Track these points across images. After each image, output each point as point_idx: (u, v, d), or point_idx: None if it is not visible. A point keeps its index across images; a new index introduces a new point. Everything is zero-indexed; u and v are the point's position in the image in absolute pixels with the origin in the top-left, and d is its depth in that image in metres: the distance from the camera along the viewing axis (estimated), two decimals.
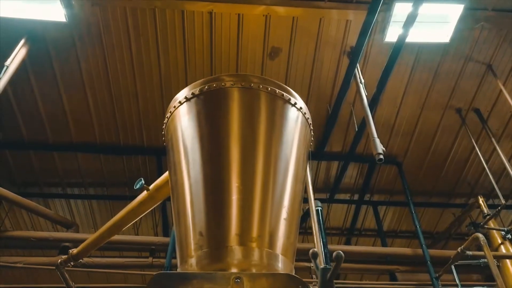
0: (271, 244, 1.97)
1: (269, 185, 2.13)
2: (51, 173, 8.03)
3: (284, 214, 2.12)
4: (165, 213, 8.33)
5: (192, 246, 1.99)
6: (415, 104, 7.49)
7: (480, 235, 4.99)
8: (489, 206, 7.40)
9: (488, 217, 6.86)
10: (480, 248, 5.24)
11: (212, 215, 2.02)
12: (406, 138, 7.97)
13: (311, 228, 4.04)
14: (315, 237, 4.16)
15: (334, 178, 8.55)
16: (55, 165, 7.92)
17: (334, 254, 1.38)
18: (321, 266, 1.44)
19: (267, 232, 1.99)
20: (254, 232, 1.95)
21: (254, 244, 1.92)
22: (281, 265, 1.91)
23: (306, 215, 7.98)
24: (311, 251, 1.72)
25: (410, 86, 7.24)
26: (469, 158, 8.22)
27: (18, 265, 6.23)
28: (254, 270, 1.73)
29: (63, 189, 8.32)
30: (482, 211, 7.31)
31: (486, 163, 7.36)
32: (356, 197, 8.93)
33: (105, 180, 8.25)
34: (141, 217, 8.26)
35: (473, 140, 7.42)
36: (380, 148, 3.82)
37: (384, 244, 8.35)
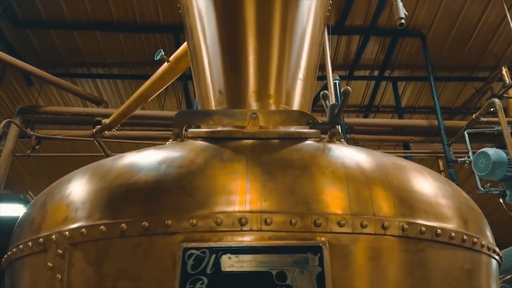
0: (287, 101, 2.09)
1: (285, 46, 2.16)
2: (74, 53, 8.16)
3: (300, 74, 2.20)
4: (187, 92, 8.57)
5: (213, 103, 2.14)
6: None
7: (496, 100, 4.97)
8: None
9: (508, 85, 6.77)
10: (495, 116, 5.31)
11: (230, 74, 2.10)
12: (433, 7, 7.51)
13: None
14: None
15: (354, 54, 8.38)
16: (77, 45, 8.00)
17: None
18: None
19: (284, 90, 2.09)
20: (271, 90, 2.06)
21: (271, 101, 2.05)
22: None
23: (324, 90, 8.10)
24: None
25: None
26: (499, 28, 7.80)
27: (58, 136, 6.79)
28: None
29: (88, 69, 8.54)
30: (504, 82, 7.20)
31: None
32: (376, 73, 8.84)
33: (127, 59, 8.36)
34: (165, 96, 8.53)
35: (505, 7, 6.96)
36: (402, 12, 3.68)
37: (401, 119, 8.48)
